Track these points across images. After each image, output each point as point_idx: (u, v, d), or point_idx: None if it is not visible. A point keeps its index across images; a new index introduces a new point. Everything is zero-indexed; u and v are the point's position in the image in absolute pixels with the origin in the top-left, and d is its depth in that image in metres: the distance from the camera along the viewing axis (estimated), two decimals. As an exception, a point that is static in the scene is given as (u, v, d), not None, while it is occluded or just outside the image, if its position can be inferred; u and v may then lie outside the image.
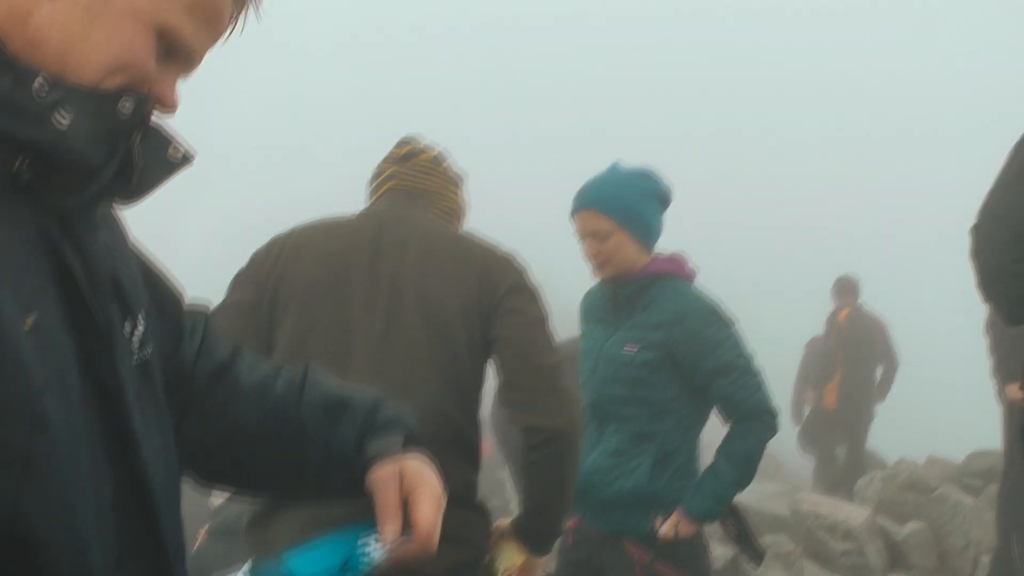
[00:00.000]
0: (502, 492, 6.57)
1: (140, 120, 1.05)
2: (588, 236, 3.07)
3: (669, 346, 3.02)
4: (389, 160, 2.57)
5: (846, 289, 9.05)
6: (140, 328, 1.16)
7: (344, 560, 1.23)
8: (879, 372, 9.08)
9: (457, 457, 2.34)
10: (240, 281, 2.43)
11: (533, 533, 2.42)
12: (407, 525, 1.28)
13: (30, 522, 0.91)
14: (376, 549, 1.24)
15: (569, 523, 3.23)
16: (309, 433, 1.38)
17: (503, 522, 2.49)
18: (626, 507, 3.08)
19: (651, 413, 3.07)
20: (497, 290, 2.35)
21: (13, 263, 0.96)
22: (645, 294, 3.10)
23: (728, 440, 3.07)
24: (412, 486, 1.30)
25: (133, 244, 1.28)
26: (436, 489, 1.32)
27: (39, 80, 0.96)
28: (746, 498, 4.26)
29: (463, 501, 2.32)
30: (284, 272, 2.38)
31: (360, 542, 1.25)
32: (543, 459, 2.30)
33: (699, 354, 3.01)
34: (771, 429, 3.05)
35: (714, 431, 3.24)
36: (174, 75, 1.10)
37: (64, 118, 0.97)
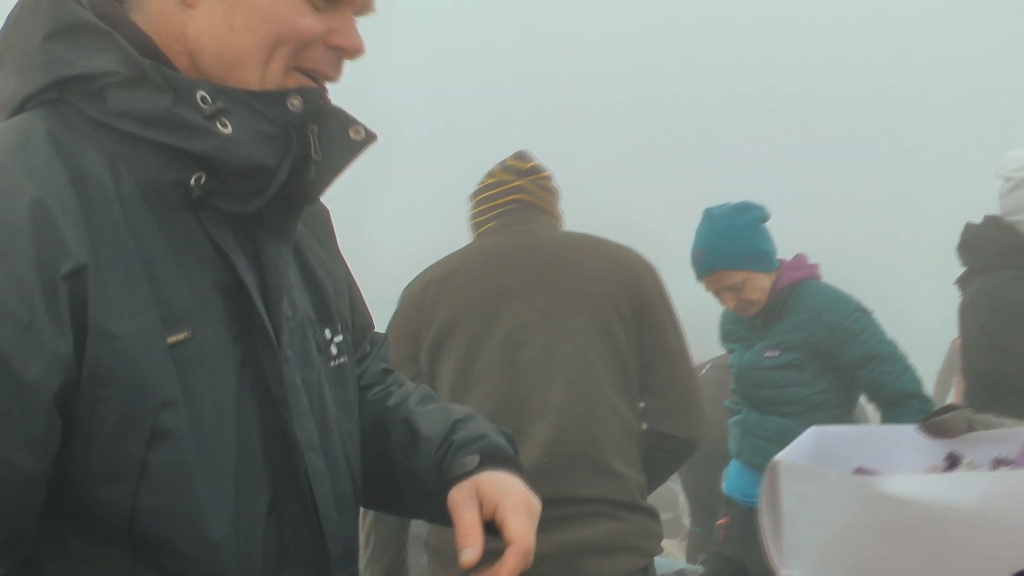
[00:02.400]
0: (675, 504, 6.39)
1: (313, 114, 1.06)
2: (724, 291, 3.28)
3: (810, 344, 3.19)
4: (511, 172, 2.63)
5: None
6: (339, 336, 1.21)
7: None
8: None
9: (637, 458, 2.45)
10: (395, 333, 2.48)
11: None
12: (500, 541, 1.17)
13: (151, 528, 0.97)
14: None
15: (721, 521, 3.44)
16: (394, 458, 1.33)
17: None
18: None
19: (800, 410, 3.19)
20: (646, 296, 2.46)
21: (174, 279, 1.00)
22: (784, 308, 3.26)
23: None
24: (495, 501, 1.18)
25: (342, 259, 1.33)
26: (524, 499, 1.20)
27: (200, 92, 1.00)
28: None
29: (640, 507, 2.44)
30: (438, 306, 2.46)
31: None
32: (668, 461, 2.54)
33: (840, 346, 3.16)
34: (920, 412, 2.99)
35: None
36: (346, 18, 1.08)
37: (226, 126, 1.00)
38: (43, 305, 0.91)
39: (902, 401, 3.14)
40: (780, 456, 1.04)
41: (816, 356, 3.20)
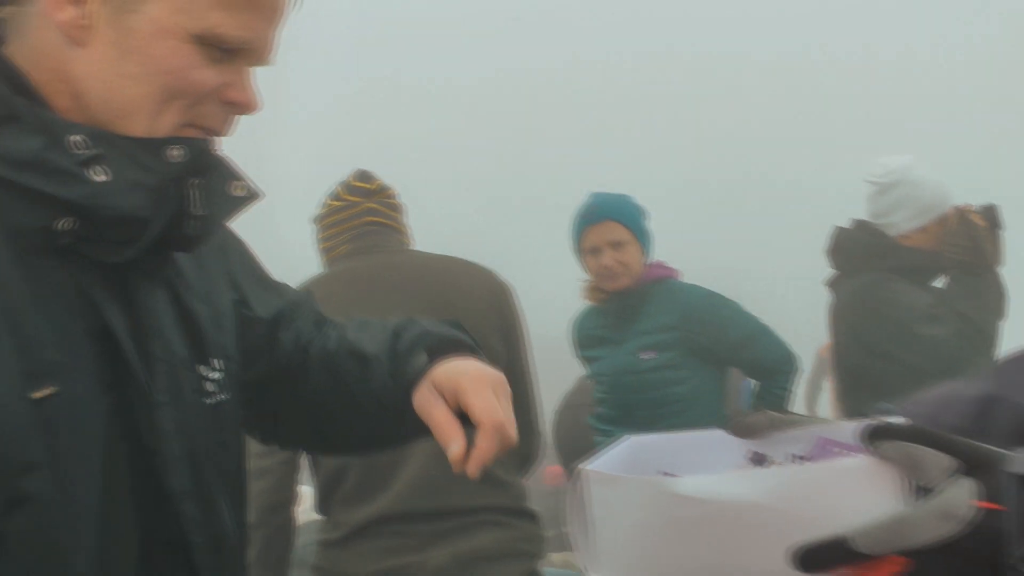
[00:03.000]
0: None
1: (194, 166, 1.03)
2: (606, 246, 3.30)
3: (686, 341, 3.26)
4: (358, 193, 2.61)
5: None
6: (216, 373, 1.16)
7: None
8: None
9: (515, 467, 2.50)
10: None
11: None
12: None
13: None
14: None
15: None
16: (355, 392, 1.29)
17: None
18: None
19: (679, 409, 3.25)
20: (514, 318, 2.55)
21: (40, 331, 0.96)
22: (645, 303, 3.32)
23: (763, 397, 3.35)
24: (453, 389, 1.15)
25: (239, 253, 1.31)
26: (480, 376, 1.16)
27: (75, 137, 0.96)
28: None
29: (525, 512, 2.49)
30: None
31: None
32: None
33: (720, 334, 3.27)
34: (796, 372, 3.38)
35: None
36: (242, 71, 1.05)
37: (99, 174, 0.96)
38: None
39: (783, 367, 3.33)
40: (587, 464, 1.08)
41: (694, 351, 3.29)
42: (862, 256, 3.32)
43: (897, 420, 0.94)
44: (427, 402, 1.17)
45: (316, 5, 1.15)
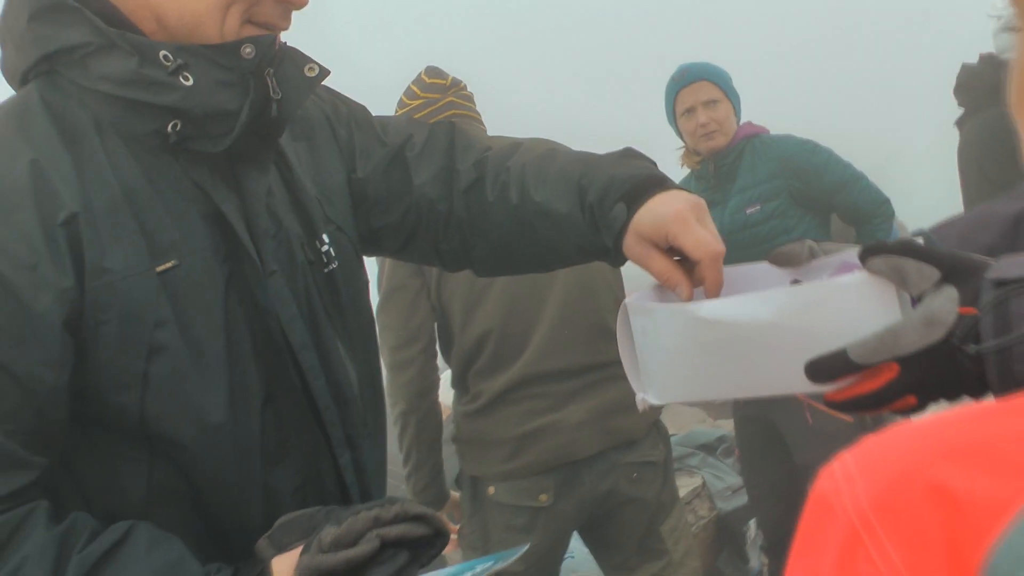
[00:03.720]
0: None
1: (266, 58, 1.19)
2: (701, 105, 3.42)
3: (787, 189, 3.35)
4: (435, 90, 2.73)
5: None
6: (326, 246, 1.34)
7: None
8: None
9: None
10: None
11: None
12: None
13: (161, 427, 1.15)
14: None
15: None
16: (554, 245, 1.41)
17: None
18: None
19: None
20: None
21: (158, 216, 1.16)
22: (741, 159, 3.42)
23: (861, 243, 3.37)
24: (664, 236, 1.22)
25: (348, 121, 1.46)
26: (680, 211, 1.22)
27: (162, 52, 1.13)
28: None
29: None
30: None
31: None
32: None
33: (817, 179, 3.35)
34: (891, 216, 3.42)
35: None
36: None
37: (188, 79, 1.14)
38: (45, 249, 1.08)
39: (878, 211, 3.36)
40: (627, 299, 1.15)
41: (795, 199, 3.36)
42: (988, 92, 3.23)
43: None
44: (641, 256, 1.25)
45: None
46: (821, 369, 0.90)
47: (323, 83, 1.29)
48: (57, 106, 1.16)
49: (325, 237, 1.35)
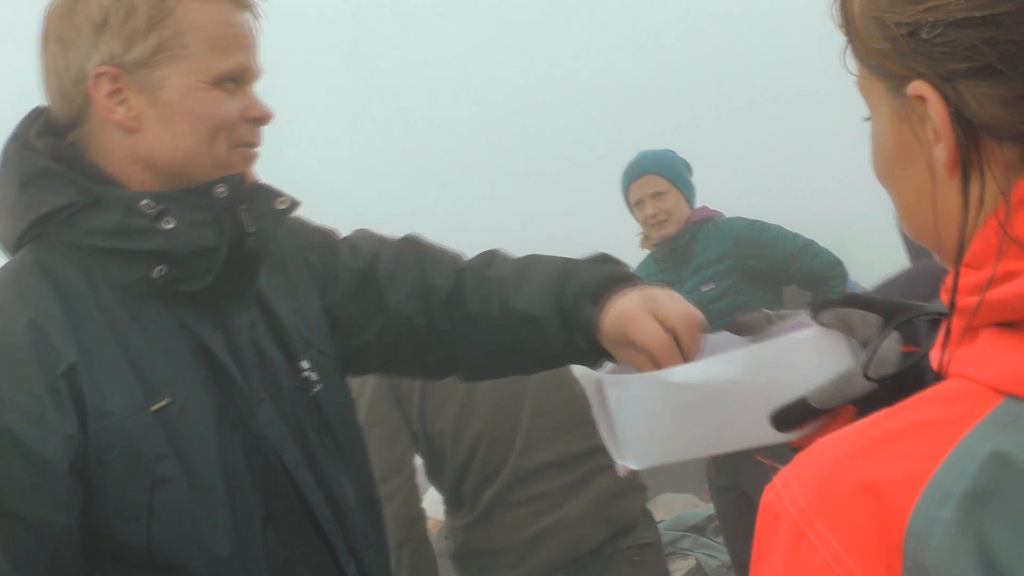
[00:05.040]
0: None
1: (237, 196, 1.28)
2: (649, 198, 3.62)
3: (740, 267, 3.52)
4: None
5: None
6: (309, 367, 1.40)
7: None
8: None
9: None
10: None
11: None
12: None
13: (168, 555, 1.21)
14: None
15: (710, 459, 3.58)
16: (534, 346, 1.47)
17: None
18: None
19: None
20: None
21: (150, 358, 1.24)
22: (695, 242, 3.59)
23: None
24: (624, 338, 1.31)
25: (314, 251, 1.51)
26: (637, 313, 1.30)
27: (143, 202, 1.23)
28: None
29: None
30: None
31: None
32: None
33: (768, 255, 3.56)
34: (844, 277, 3.63)
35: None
36: (250, 91, 1.32)
37: (168, 223, 1.23)
38: (49, 399, 1.16)
39: (831, 273, 3.55)
40: (599, 373, 1.25)
41: (748, 276, 3.54)
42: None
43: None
44: (619, 354, 1.34)
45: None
46: (785, 418, 0.96)
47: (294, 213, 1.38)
48: (50, 265, 1.25)
49: (305, 364, 1.41)
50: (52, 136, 1.29)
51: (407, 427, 2.63)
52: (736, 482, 3.50)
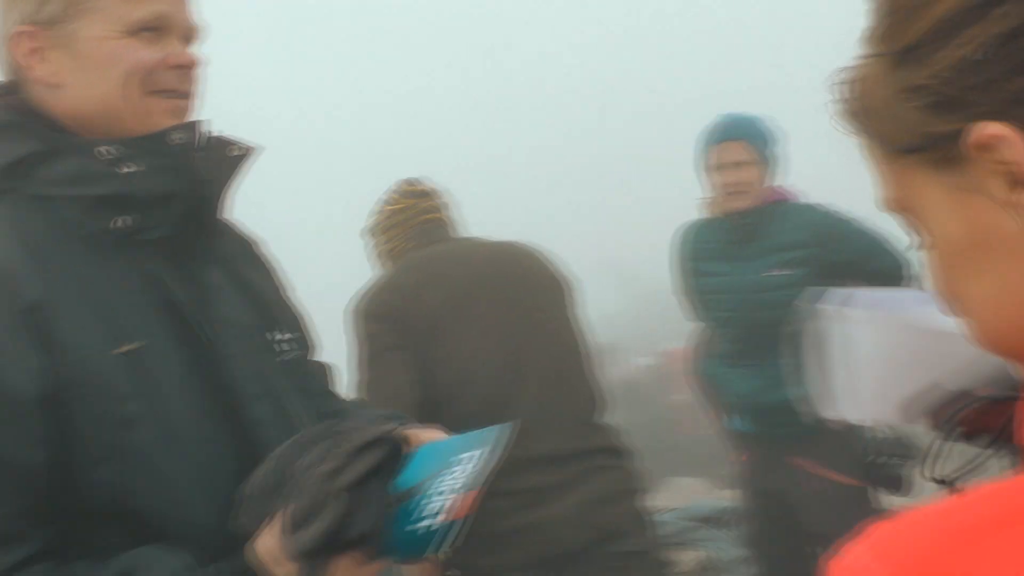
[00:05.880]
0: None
1: (192, 142, 1.30)
2: (728, 166, 3.35)
3: (819, 258, 3.25)
4: (414, 196, 2.85)
5: None
6: (286, 335, 1.44)
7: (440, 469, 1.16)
8: None
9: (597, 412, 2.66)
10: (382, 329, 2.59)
11: None
12: None
13: (134, 500, 1.19)
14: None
15: (742, 456, 3.51)
16: None
17: None
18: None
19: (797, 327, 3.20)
20: (570, 291, 2.75)
21: (112, 304, 1.24)
22: (770, 222, 3.34)
23: None
24: None
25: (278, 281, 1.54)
26: None
27: (100, 148, 1.24)
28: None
29: (628, 451, 2.68)
30: (423, 298, 2.58)
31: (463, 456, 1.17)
32: None
33: (850, 248, 3.28)
34: (913, 277, 3.31)
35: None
36: (176, 41, 1.31)
37: (127, 167, 1.25)
38: (15, 334, 1.16)
39: (902, 274, 3.27)
40: (827, 306, 1.25)
41: (824, 269, 3.22)
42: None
43: None
44: None
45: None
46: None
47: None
48: (15, 218, 1.25)
49: (277, 334, 1.43)
50: (15, 96, 1.31)
51: (413, 361, 2.54)
52: (773, 484, 3.38)
